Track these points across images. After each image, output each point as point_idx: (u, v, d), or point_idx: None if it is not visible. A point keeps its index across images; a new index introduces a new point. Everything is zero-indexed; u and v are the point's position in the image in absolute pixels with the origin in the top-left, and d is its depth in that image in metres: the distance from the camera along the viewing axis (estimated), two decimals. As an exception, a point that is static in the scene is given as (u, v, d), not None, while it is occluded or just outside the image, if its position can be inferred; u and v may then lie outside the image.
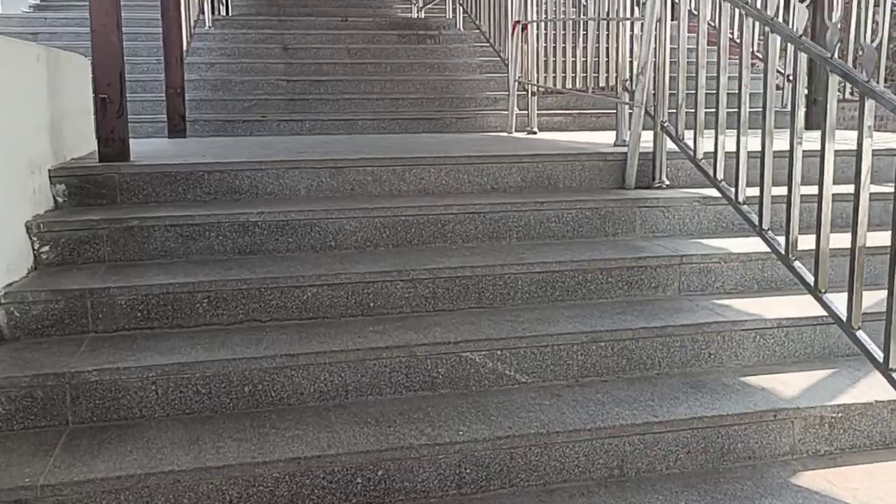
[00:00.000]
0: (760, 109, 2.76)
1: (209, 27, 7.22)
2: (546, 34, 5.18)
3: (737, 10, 4.21)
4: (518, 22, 5.47)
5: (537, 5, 5.39)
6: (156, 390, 2.39)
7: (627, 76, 4.13)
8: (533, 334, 2.65)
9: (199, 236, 3.02)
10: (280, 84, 6.29)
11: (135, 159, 3.47)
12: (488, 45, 6.86)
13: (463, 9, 7.58)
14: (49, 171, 3.19)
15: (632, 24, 4.14)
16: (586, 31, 4.54)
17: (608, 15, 4.24)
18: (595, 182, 3.71)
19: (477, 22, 7.07)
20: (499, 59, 6.52)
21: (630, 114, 3.93)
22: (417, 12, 9.50)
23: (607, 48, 4.31)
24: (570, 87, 4.83)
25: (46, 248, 2.92)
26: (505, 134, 5.53)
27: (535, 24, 5.29)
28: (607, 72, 4.39)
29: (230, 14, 8.46)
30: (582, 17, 4.66)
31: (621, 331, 2.71)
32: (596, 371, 2.71)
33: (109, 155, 3.37)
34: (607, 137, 4.74)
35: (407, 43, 7.38)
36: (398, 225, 3.19)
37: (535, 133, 5.45)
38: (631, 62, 4.10)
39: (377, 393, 2.54)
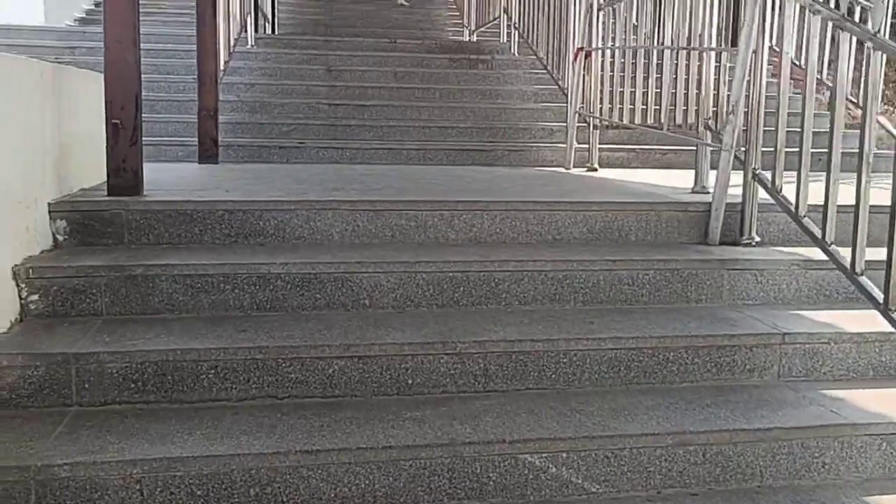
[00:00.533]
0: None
1: (251, 45, 6.87)
2: (613, 62, 4.70)
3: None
4: (581, 49, 5.00)
5: (603, 31, 4.93)
6: (140, 490, 1.93)
7: (711, 113, 3.62)
8: (606, 434, 2.15)
9: (212, 289, 2.59)
10: (321, 108, 5.89)
11: (151, 191, 3.06)
12: (545, 72, 6.40)
13: (518, 33, 7.13)
14: (49, 204, 2.79)
15: (718, 54, 3.64)
16: (661, 60, 4.05)
17: (690, 43, 3.74)
18: (673, 236, 3.20)
19: (533, 47, 6.62)
20: (556, 87, 6.06)
21: (713, 156, 3.43)
22: (469, 36, 9.09)
23: (686, 80, 3.81)
24: (641, 122, 4.33)
25: (35, 297, 2.50)
26: (562, 170, 5.05)
27: (600, 52, 4.83)
28: (685, 106, 3.89)
29: (275, 32, 8.14)
30: (657, 45, 4.17)
31: (715, 433, 2.20)
32: (682, 481, 2.19)
33: (119, 188, 2.96)
34: (678, 179, 4.24)
35: (458, 68, 6.96)
36: (444, 282, 2.72)
37: (595, 170, 4.96)
38: (716, 97, 3.60)
39: (413, 501, 2.06)
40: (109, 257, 2.64)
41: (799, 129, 2.78)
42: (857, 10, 5.19)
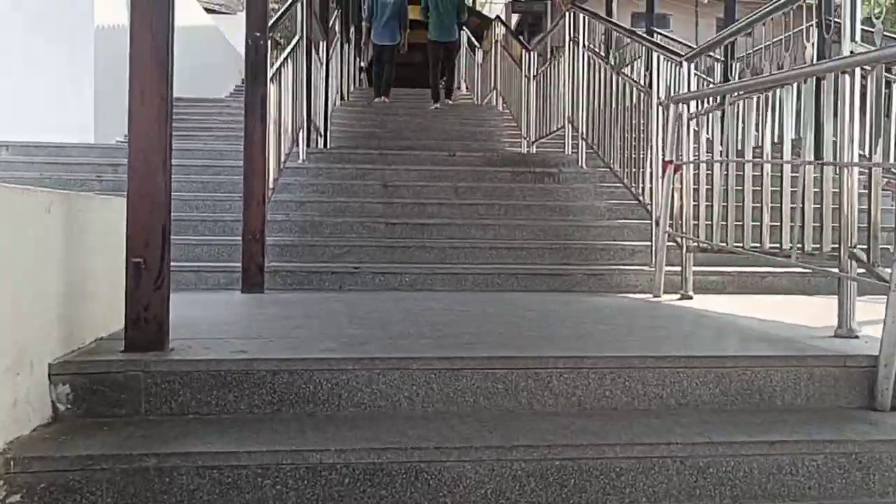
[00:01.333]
0: None
1: (303, 160, 6.49)
2: (711, 175, 4.12)
3: None
4: (670, 162, 4.45)
5: (695, 140, 4.40)
6: None
7: (856, 239, 2.98)
8: None
9: (247, 485, 1.97)
10: (378, 227, 5.39)
11: (179, 340, 2.50)
12: (619, 185, 5.86)
13: (586, 144, 6.64)
14: (50, 365, 2.24)
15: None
16: (780, 173, 3.46)
17: (822, 156, 3.14)
18: (829, 398, 2.51)
19: (605, 159, 6.10)
20: (635, 202, 5.49)
21: (853, 286, 2.77)
22: (529, 147, 8.67)
23: (816, 193, 3.19)
24: (753, 246, 3.70)
25: (16, 497, 1.91)
26: (651, 297, 4.41)
27: (695, 164, 4.27)
28: (815, 223, 3.25)
29: (328, 146, 7.80)
30: (774, 158, 3.59)
31: None
32: None
33: (138, 342, 2.40)
34: (799, 312, 3.59)
35: (522, 182, 6.46)
36: (549, 473, 2.06)
37: (690, 297, 4.31)
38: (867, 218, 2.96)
39: None
40: (118, 439, 2.05)
41: None
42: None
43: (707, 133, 4.26)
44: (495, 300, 4.14)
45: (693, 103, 4.43)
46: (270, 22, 4.46)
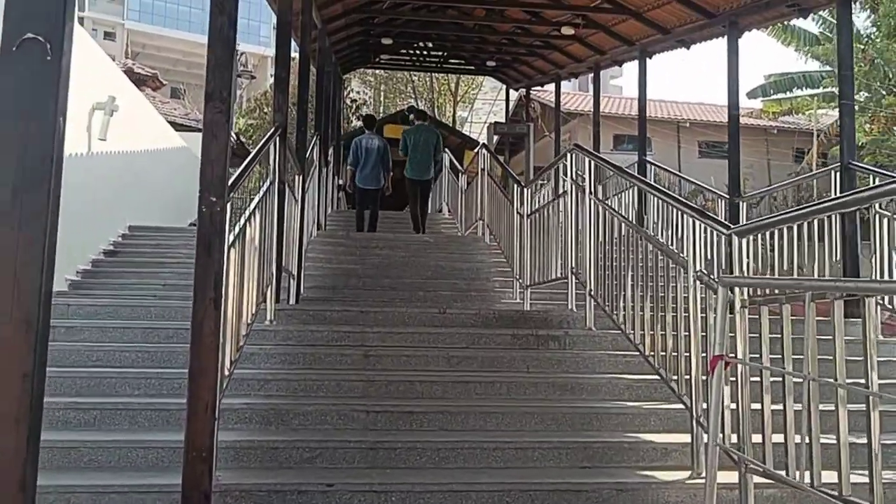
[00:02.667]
0: None
1: (270, 321, 5.62)
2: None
3: None
4: (721, 357, 3.62)
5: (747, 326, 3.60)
6: None
7: None
8: None
9: None
10: (357, 416, 4.45)
11: None
12: (635, 353, 5.02)
13: (596, 302, 5.83)
14: None
15: None
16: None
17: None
18: None
19: (620, 323, 5.27)
20: (656, 376, 4.63)
21: None
22: (522, 291, 7.87)
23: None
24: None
25: None
26: (703, 531, 3.49)
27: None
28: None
29: (300, 295, 6.94)
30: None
31: None
32: None
33: None
34: None
35: (524, 347, 5.61)
36: None
37: (752, 532, 3.40)
38: None
39: None
40: None
41: None
42: None
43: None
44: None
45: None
46: (230, 180, 3.66)
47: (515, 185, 8.42)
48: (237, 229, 4.27)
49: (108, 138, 9.16)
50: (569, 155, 6.58)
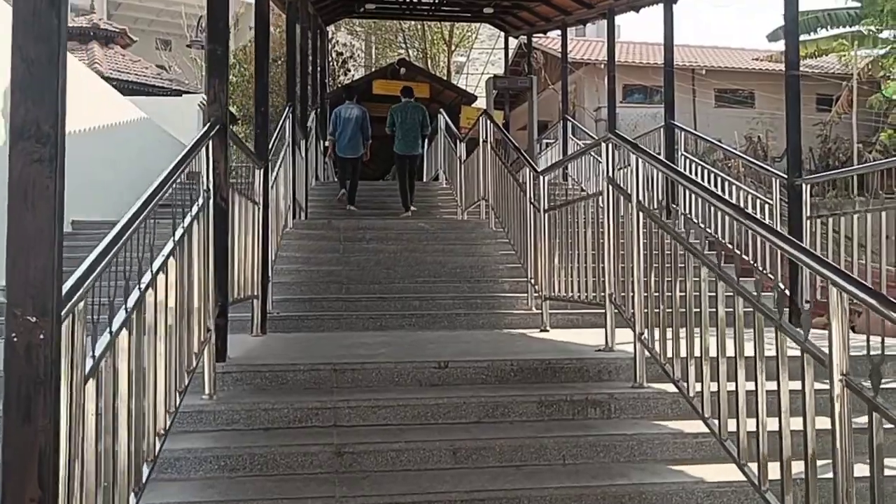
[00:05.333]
0: None
1: (209, 394, 4.11)
2: None
3: None
4: None
5: None
6: None
7: None
8: None
9: None
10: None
11: None
12: (707, 433, 3.56)
13: (646, 348, 4.32)
14: None
15: None
16: None
17: None
18: None
19: (686, 387, 3.76)
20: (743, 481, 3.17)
21: None
22: (542, 301, 6.40)
23: None
24: None
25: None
26: None
27: None
28: None
29: (265, 331, 5.45)
30: None
31: None
32: None
33: None
34: None
35: (555, 418, 4.14)
36: None
37: None
38: None
39: None
40: None
41: None
42: None
43: None
44: None
45: None
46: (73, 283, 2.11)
47: (530, 172, 6.84)
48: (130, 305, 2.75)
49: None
50: (604, 146, 4.98)
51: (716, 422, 3.43)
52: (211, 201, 4.16)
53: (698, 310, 3.66)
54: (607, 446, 3.90)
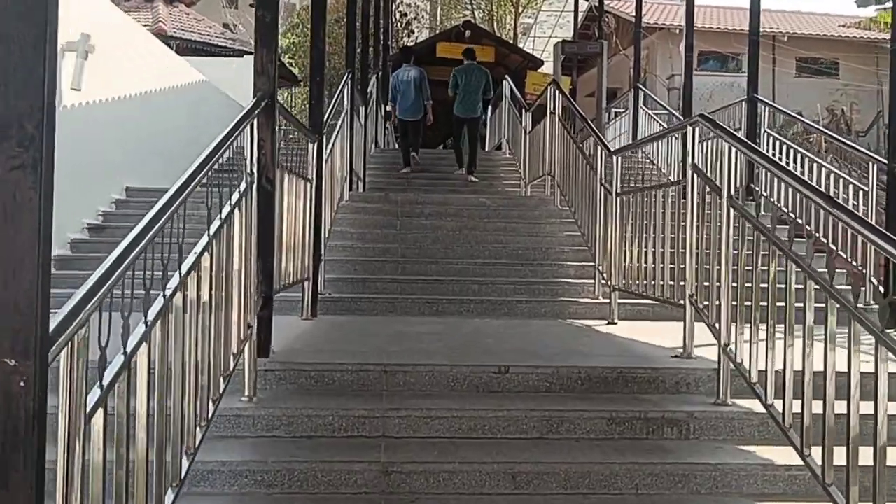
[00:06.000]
0: None
1: (248, 395, 3.79)
2: None
3: None
4: None
5: None
6: None
7: None
8: None
9: None
10: None
11: None
12: (801, 466, 3.09)
13: (732, 362, 3.84)
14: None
15: None
16: None
17: None
18: None
19: (779, 412, 3.28)
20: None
21: None
22: (613, 298, 5.93)
23: None
24: None
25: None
26: None
27: None
28: None
29: (315, 314, 5.13)
30: None
31: None
32: None
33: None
34: None
35: (627, 436, 3.72)
36: None
37: None
38: None
39: None
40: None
41: None
42: None
43: None
44: None
45: None
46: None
47: (602, 151, 6.32)
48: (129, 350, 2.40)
49: (85, 87, 7.30)
50: (689, 130, 4.46)
51: (818, 458, 2.97)
52: (255, 185, 3.81)
53: (800, 326, 3.17)
54: (686, 475, 3.45)
